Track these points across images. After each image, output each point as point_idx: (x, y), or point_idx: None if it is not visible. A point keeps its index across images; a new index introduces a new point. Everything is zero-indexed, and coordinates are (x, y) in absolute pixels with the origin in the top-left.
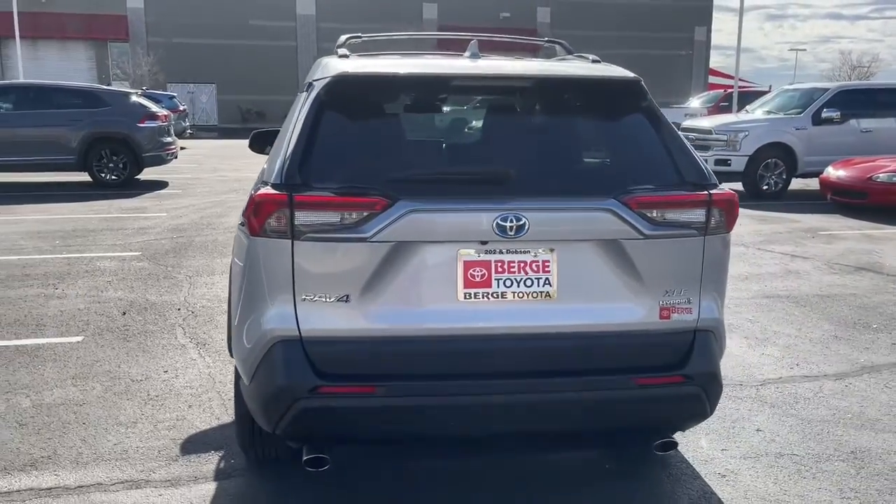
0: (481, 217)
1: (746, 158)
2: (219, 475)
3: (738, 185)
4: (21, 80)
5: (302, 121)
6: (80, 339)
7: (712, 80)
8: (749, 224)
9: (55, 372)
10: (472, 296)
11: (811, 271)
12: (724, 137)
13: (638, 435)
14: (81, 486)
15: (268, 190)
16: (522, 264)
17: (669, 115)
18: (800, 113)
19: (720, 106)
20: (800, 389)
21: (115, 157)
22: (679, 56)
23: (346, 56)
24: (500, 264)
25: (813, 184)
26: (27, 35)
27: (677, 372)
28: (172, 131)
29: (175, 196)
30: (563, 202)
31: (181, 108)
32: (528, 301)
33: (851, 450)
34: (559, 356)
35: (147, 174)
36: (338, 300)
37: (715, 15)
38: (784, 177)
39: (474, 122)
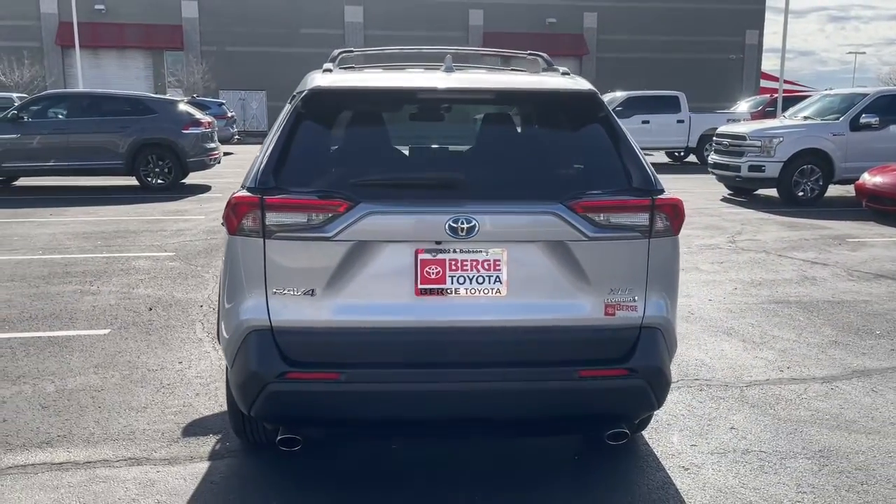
0: (435, 219)
1: (781, 164)
2: (213, 456)
3: (773, 192)
4: (81, 88)
5: (279, 130)
6: (107, 331)
7: (765, 83)
8: (776, 231)
9: (80, 361)
10: (428, 292)
11: (828, 278)
12: (759, 143)
13: (591, 425)
14: (89, 462)
15: (243, 193)
16: (474, 263)
17: (711, 120)
18: (838, 118)
19: (765, 111)
20: (784, 391)
21: (160, 162)
22: (729, 60)
23: (329, 70)
24: (453, 263)
25: (852, 190)
26: (88, 45)
27: (622, 365)
28: (216, 137)
29: (215, 199)
30: (512, 206)
31: (229, 114)
32: (479, 297)
33: (819, 449)
34: (508, 349)
35: (192, 178)
36: (304, 294)
37: (771, 17)
38: (820, 183)
39: (437, 132)
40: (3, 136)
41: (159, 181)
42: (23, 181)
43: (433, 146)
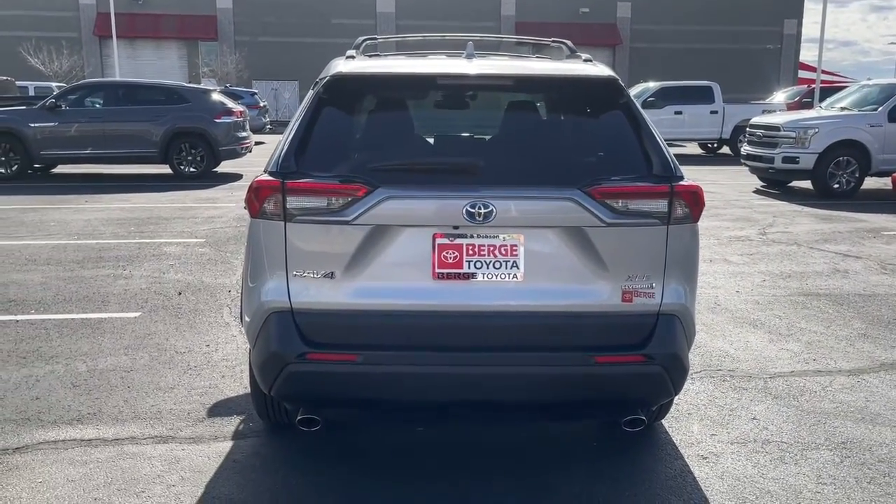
0: (452, 204)
1: (816, 156)
2: (236, 435)
3: (807, 184)
4: (118, 77)
5: (301, 116)
6: (137, 314)
7: (803, 74)
8: (809, 223)
9: (111, 342)
10: (445, 276)
11: (860, 271)
12: (793, 134)
13: (607, 411)
14: (117, 440)
15: (265, 177)
16: (492, 248)
17: (746, 111)
18: (876, 109)
19: (802, 101)
20: (809, 383)
21: (193, 151)
22: (766, 50)
23: (352, 57)
24: (471, 248)
25: (890, 183)
26: (124, 35)
27: (639, 352)
28: (248, 126)
29: (246, 188)
30: (530, 191)
31: (261, 104)
32: (497, 282)
33: (842, 441)
34: (525, 333)
35: (224, 167)
36: (324, 276)
37: (810, 6)
38: (856, 175)
39: (456, 118)
40: (41, 125)
41: (192, 169)
42: (60, 168)
43: (452, 132)
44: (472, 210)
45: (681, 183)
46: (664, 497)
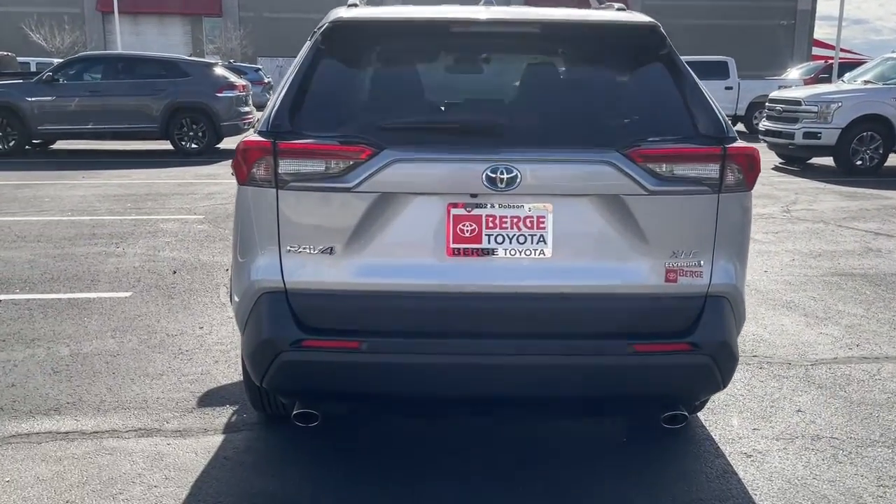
0: (470, 168)
1: (839, 131)
2: (228, 428)
3: (829, 160)
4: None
5: (297, 68)
6: (128, 294)
7: (816, 51)
8: (834, 200)
9: (98, 324)
10: (461, 252)
11: (894, 250)
12: (815, 109)
13: (645, 407)
14: (97, 432)
15: (254, 137)
16: (515, 220)
17: (761, 86)
18: None
19: (819, 77)
20: (855, 371)
21: (195, 126)
22: (779, 26)
23: (354, 5)
24: (491, 219)
25: None
26: (127, 11)
27: (683, 339)
28: (251, 101)
29: None
30: (560, 153)
31: (266, 80)
32: (520, 259)
33: None
34: (553, 318)
35: (227, 143)
36: (322, 252)
37: None
38: (880, 151)
39: (474, 71)
40: (38, 99)
41: (193, 145)
42: (60, 144)
43: (469, 87)
44: (493, 175)
45: (734, 145)
46: None
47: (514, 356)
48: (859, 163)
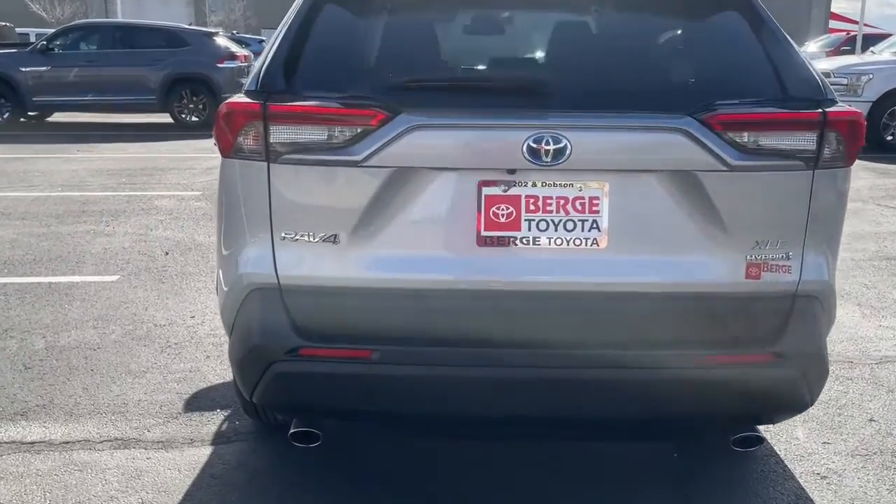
0: (508, 137)
1: (869, 105)
2: (218, 439)
3: None
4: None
5: (294, 15)
6: (115, 278)
7: (833, 24)
8: (868, 178)
9: (79, 312)
10: (495, 241)
11: None
12: (845, 81)
13: (715, 428)
14: (67, 443)
15: (240, 98)
16: (562, 202)
17: None
18: None
19: (841, 50)
20: None
21: (195, 98)
22: None
23: None
24: (532, 201)
25: None
26: None
27: (767, 349)
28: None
29: None
30: (620, 119)
31: None
32: (568, 250)
33: None
34: (606, 323)
35: None
36: (324, 241)
37: None
38: None
39: (513, 18)
40: (32, 69)
41: (193, 118)
42: (57, 117)
43: (506, 38)
44: (537, 146)
45: (835, 109)
46: None
47: (560, 370)
48: (890, 138)
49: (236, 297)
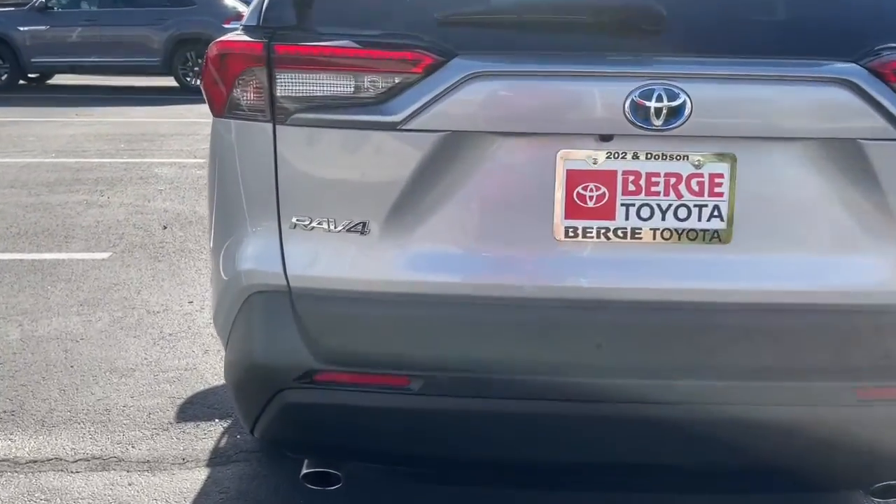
0: (605, 90)
1: None
2: (215, 458)
3: None
4: None
5: None
6: (106, 255)
7: None
8: None
9: (63, 295)
10: (581, 232)
11: None
12: None
13: (860, 477)
14: (35, 462)
15: (236, 37)
16: (674, 180)
17: None
18: None
19: None
20: None
21: (200, 60)
22: None
23: None
24: (632, 179)
25: None
26: None
27: None
28: None
29: None
30: (759, 67)
31: None
32: (680, 245)
33: None
34: (728, 344)
35: None
36: (349, 230)
37: None
38: None
39: None
40: (30, 28)
41: (199, 81)
42: (57, 79)
43: None
44: (645, 102)
45: None
46: None
47: (665, 405)
48: None
49: (232, 302)
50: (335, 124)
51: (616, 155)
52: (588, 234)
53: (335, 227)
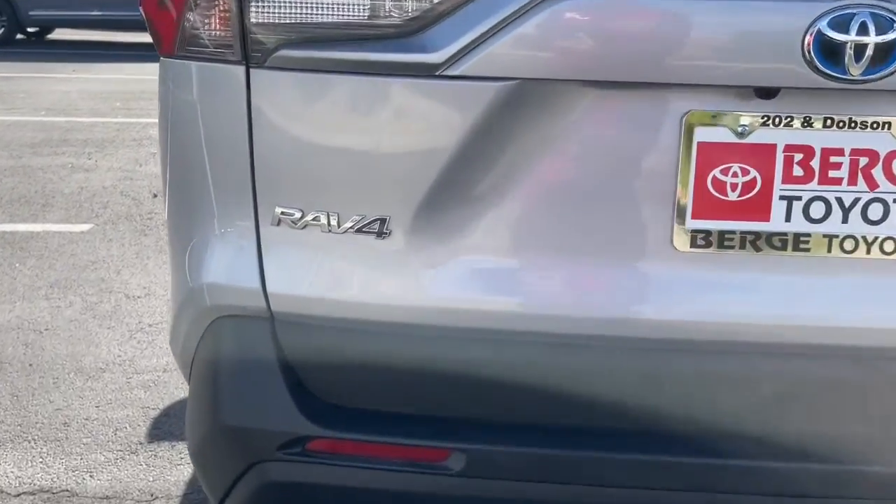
0: (769, 15)
1: None
2: (191, 494)
3: None
4: None
5: None
6: (87, 227)
7: None
8: None
9: (32, 275)
10: (717, 240)
11: None
12: None
13: None
14: None
15: None
16: (865, 161)
17: None
18: None
19: None
20: None
21: None
22: None
23: None
24: (800, 158)
25: None
26: None
27: None
28: None
29: None
30: None
31: None
32: (870, 262)
33: None
34: None
35: None
36: (360, 230)
37: None
38: None
39: None
40: None
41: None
42: (58, 34)
43: None
44: (838, 36)
45: None
46: None
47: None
48: None
49: (191, 326)
50: (338, 67)
51: (778, 120)
52: (728, 243)
53: (339, 226)
